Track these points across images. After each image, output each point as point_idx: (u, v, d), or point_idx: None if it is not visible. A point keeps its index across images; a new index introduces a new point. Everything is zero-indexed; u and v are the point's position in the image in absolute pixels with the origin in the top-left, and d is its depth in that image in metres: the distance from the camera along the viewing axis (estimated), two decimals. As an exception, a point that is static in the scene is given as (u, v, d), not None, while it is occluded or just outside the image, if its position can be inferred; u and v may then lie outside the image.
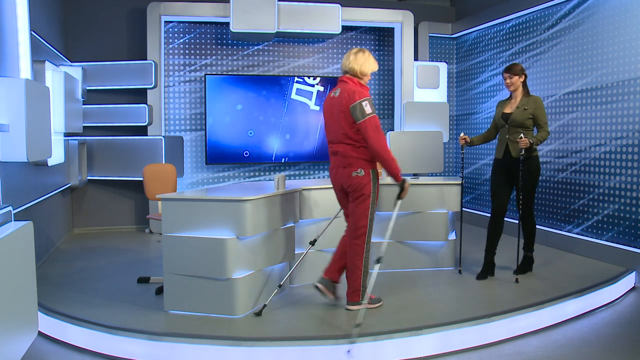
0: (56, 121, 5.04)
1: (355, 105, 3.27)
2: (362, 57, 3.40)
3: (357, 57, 3.40)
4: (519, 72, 4.21)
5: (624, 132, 4.78)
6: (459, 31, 7.40)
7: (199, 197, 3.46)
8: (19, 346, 2.69)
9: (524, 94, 4.25)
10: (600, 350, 3.18)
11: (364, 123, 3.26)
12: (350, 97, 3.29)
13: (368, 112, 3.26)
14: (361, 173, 3.35)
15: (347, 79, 3.41)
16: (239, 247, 3.40)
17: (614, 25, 4.88)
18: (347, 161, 3.38)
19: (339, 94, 3.38)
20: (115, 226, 6.73)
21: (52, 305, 3.54)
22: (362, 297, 3.44)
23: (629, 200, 4.72)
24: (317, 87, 7.03)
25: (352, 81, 3.39)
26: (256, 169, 7.12)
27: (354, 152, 3.36)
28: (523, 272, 4.39)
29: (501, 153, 4.31)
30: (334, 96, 3.43)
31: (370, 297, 3.53)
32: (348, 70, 3.42)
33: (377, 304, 3.58)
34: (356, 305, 3.43)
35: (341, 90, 3.38)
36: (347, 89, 3.34)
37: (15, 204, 3.90)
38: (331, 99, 3.46)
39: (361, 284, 3.45)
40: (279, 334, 3.13)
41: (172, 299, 3.48)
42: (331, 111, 3.43)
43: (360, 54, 3.41)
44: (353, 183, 3.37)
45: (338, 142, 3.42)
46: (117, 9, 6.61)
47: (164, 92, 6.76)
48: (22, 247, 2.78)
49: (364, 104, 3.26)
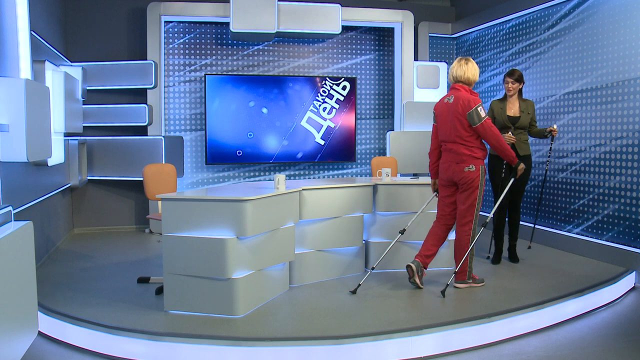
0: (56, 121, 5.04)
1: (472, 112, 3.79)
2: (472, 67, 3.91)
3: (468, 67, 3.90)
4: (520, 78, 4.68)
5: (624, 132, 4.78)
6: (459, 31, 7.40)
7: (199, 197, 3.46)
8: (19, 346, 2.69)
9: (520, 98, 4.73)
10: (600, 350, 3.18)
11: (481, 126, 3.80)
12: (466, 105, 3.80)
13: (483, 116, 3.80)
14: (472, 168, 3.87)
15: (459, 87, 3.92)
16: (239, 247, 3.40)
17: (614, 25, 4.88)
18: (460, 158, 3.89)
19: (454, 100, 3.87)
20: (115, 226, 6.73)
21: (52, 305, 3.54)
22: (468, 276, 3.98)
23: (629, 200, 4.72)
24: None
25: (464, 89, 3.90)
26: (256, 169, 7.12)
27: (466, 150, 3.87)
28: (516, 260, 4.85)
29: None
30: (448, 102, 3.92)
31: (474, 277, 4.05)
32: (462, 80, 3.92)
33: (480, 283, 4.06)
34: (463, 284, 4.00)
35: (455, 97, 3.87)
36: (461, 96, 3.84)
37: (15, 204, 3.90)
38: (445, 104, 3.95)
39: (468, 265, 3.95)
40: (279, 334, 3.13)
41: (172, 299, 3.48)
42: (445, 115, 3.93)
43: (470, 64, 3.91)
44: (465, 177, 3.87)
45: (452, 141, 3.92)
46: (117, 9, 6.61)
47: (164, 92, 6.76)
48: (22, 247, 2.78)
49: (479, 109, 3.79)
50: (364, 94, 7.47)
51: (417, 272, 3.96)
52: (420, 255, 4.03)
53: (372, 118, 7.51)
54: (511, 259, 4.88)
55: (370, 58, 7.47)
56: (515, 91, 4.68)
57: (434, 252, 4.06)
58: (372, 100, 7.50)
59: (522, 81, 4.68)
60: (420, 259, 4.01)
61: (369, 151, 7.52)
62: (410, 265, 3.95)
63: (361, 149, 7.48)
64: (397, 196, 4.54)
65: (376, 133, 7.53)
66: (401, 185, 4.57)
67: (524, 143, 4.68)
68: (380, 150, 7.55)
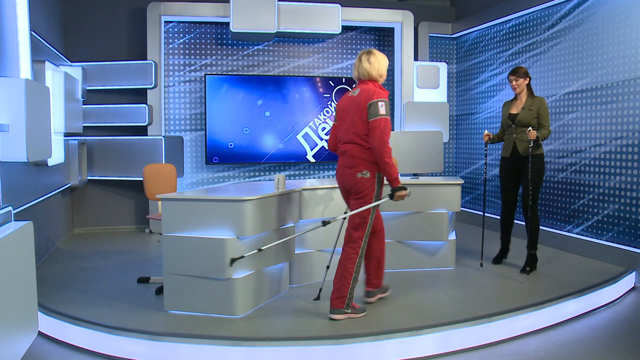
0: (56, 121, 5.04)
1: (372, 104, 3.25)
2: (375, 61, 3.38)
3: (372, 63, 3.38)
4: (523, 74, 4.46)
5: (624, 132, 4.78)
6: (459, 31, 7.40)
7: (199, 197, 3.46)
8: (19, 346, 2.69)
9: (529, 95, 4.49)
10: (600, 350, 3.18)
11: (374, 122, 3.22)
12: (369, 96, 3.28)
13: (382, 113, 3.23)
14: (366, 175, 3.30)
15: (367, 81, 3.41)
16: (239, 247, 3.40)
17: (614, 25, 4.88)
18: (353, 162, 3.34)
19: (358, 93, 3.37)
20: (115, 226, 6.73)
21: (52, 305, 3.54)
22: (346, 305, 3.33)
23: (629, 200, 4.72)
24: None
25: (373, 83, 3.40)
26: (256, 169, 7.12)
27: (360, 153, 3.31)
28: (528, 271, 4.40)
29: (508, 152, 4.54)
30: (353, 95, 3.41)
31: (354, 307, 3.39)
32: (368, 77, 3.40)
33: (361, 314, 3.41)
34: (339, 315, 3.32)
35: (361, 90, 3.37)
36: (368, 89, 3.34)
37: (15, 204, 3.90)
38: (349, 97, 3.43)
39: (348, 292, 3.32)
40: (279, 334, 3.13)
41: (172, 299, 3.48)
42: (347, 109, 3.40)
43: (373, 58, 3.38)
44: (357, 183, 3.32)
45: (348, 141, 3.38)
46: (117, 9, 6.61)
47: (164, 92, 6.76)
48: (22, 247, 2.78)
49: (380, 104, 3.24)
50: (364, 94, 7.45)
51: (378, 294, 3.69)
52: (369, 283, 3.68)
53: (372, 118, 7.50)
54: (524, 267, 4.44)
55: (370, 58, 7.45)
56: (522, 88, 4.47)
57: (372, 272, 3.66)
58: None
59: (528, 77, 4.46)
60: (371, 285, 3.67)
61: (369, 151, 7.50)
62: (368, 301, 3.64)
63: (361, 149, 7.47)
64: (397, 196, 4.53)
65: (376, 133, 7.52)
66: (401, 185, 4.56)
67: (526, 142, 4.38)
68: (380, 150, 7.54)
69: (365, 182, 3.31)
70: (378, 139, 3.20)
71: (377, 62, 3.38)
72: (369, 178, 3.30)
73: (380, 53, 3.43)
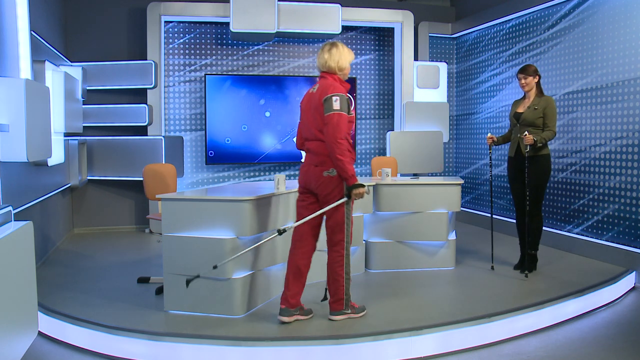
0: (56, 121, 5.04)
1: (326, 98, 3.13)
2: (336, 53, 3.26)
3: (332, 54, 3.25)
4: (533, 72, 4.34)
5: (624, 132, 4.78)
6: (459, 31, 7.40)
7: (199, 197, 3.46)
8: (19, 346, 2.69)
9: (537, 94, 4.36)
10: (601, 350, 3.18)
11: (327, 117, 3.10)
12: (325, 91, 3.17)
13: (335, 108, 3.09)
14: (333, 173, 3.17)
15: (326, 75, 3.29)
16: (239, 247, 3.40)
17: (614, 25, 4.88)
18: (319, 159, 3.20)
19: (317, 89, 3.26)
20: (115, 226, 6.73)
21: (52, 305, 3.54)
22: (345, 306, 3.32)
23: (629, 200, 4.72)
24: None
25: (332, 77, 3.27)
26: (256, 169, 7.12)
27: (326, 149, 3.16)
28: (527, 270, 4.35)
29: (513, 151, 4.46)
30: (312, 92, 3.30)
31: (353, 306, 3.39)
32: (326, 69, 3.29)
33: (361, 312, 3.41)
34: (340, 315, 3.32)
35: (319, 85, 3.27)
36: (325, 84, 3.23)
37: (15, 204, 3.90)
38: (310, 94, 3.32)
39: (345, 293, 3.31)
40: (279, 334, 3.13)
41: (172, 299, 3.48)
42: (308, 106, 3.29)
43: (334, 49, 3.26)
44: (323, 183, 3.19)
45: (312, 138, 3.26)
46: (117, 9, 6.61)
47: (164, 92, 6.76)
48: (22, 247, 2.78)
49: (334, 99, 3.11)
50: (364, 94, 7.47)
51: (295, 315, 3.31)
52: (285, 301, 3.29)
53: (372, 118, 7.51)
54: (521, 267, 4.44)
55: (370, 58, 7.47)
56: (530, 87, 4.34)
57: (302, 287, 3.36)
58: (372, 100, 7.50)
59: (537, 75, 4.34)
60: (285, 304, 3.28)
61: (369, 151, 7.52)
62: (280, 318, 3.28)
63: (361, 149, 7.48)
64: (397, 196, 4.54)
65: (376, 133, 7.53)
66: (401, 186, 4.57)
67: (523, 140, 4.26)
68: (380, 150, 7.55)
69: (332, 181, 3.18)
70: (330, 134, 3.09)
71: (338, 54, 3.26)
72: (336, 177, 3.18)
73: (346, 47, 3.32)
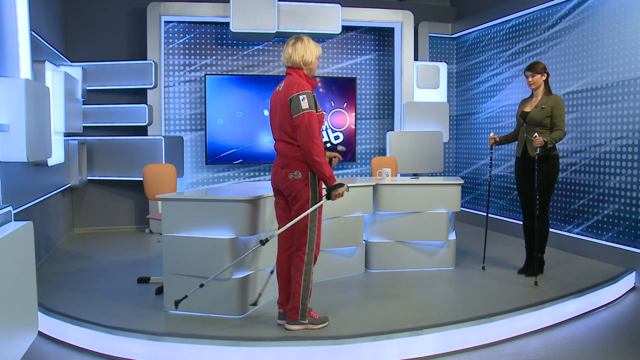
0: (56, 121, 5.04)
1: (292, 98, 2.99)
2: (301, 47, 3.11)
3: (296, 48, 3.11)
4: (541, 70, 4.22)
5: (624, 132, 4.78)
6: (459, 31, 7.40)
7: (199, 197, 3.46)
8: (19, 346, 2.69)
9: (545, 93, 4.24)
10: (601, 350, 3.18)
11: (297, 119, 2.97)
12: (290, 90, 3.03)
13: (304, 107, 2.96)
14: (298, 176, 3.04)
15: (291, 72, 3.14)
16: (239, 247, 3.40)
17: (614, 25, 4.88)
18: (284, 161, 3.08)
19: (282, 87, 3.12)
20: (115, 226, 6.73)
21: (52, 305, 3.54)
22: (302, 315, 3.13)
23: (629, 200, 4.72)
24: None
25: (297, 73, 3.12)
26: (256, 169, 7.12)
27: (291, 151, 3.05)
28: (532, 274, 4.28)
29: (520, 151, 4.36)
30: (278, 90, 3.17)
31: (313, 316, 3.21)
32: (290, 63, 3.14)
33: (321, 324, 3.20)
34: (295, 325, 3.15)
35: (284, 83, 3.13)
36: (290, 82, 3.08)
37: (15, 204, 3.90)
38: (276, 93, 3.18)
39: (300, 302, 3.12)
40: (279, 334, 3.13)
41: (172, 299, 3.47)
42: (274, 106, 3.17)
43: (298, 44, 3.12)
44: (289, 186, 3.07)
45: (278, 139, 3.15)
46: (117, 9, 6.61)
47: (164, 92, 6.76)
48: (22, 247, 2.78)
49: (301, 98, 2.97)
50: (364, 94, 7.46)
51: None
52: (281, 304, 3.28)
53: (372, 118, 7.51)
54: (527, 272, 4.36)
55: (370, 58, 7.47)
56: (537, 85, 4.22)
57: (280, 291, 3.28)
58: (372, 100, 7.50)
59: (546, 73, 4.22)
60: (282, 308, 3.27)
61: (369, 151, 7.52)
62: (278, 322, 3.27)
63: (361, 149, 7.48)
64: (397, 196, 4.54)
65: (376, 133, 7.53)
66: (401, 185, 4.57)
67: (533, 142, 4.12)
68: (380, 150, 7.55)
69: (297, 184, 3.05)
70: (304, 136, 2.96)
71: (303, 48, 3.12)
72: (301, 179, 3.04)
73: (312, 41, 3.19)
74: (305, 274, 3.12)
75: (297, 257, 3.13)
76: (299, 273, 3.11)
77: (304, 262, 3.11)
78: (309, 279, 3.15)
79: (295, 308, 3.13)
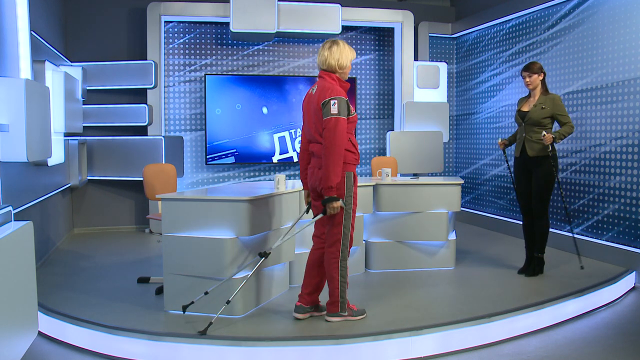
0: (56, 121, 5.04)
1: (325, 102, 3.09)
2: (337, 50, 3.19)
3: (332, 51, 3.19)
4: (538, 70, 4.24)
5: (624, 132, 4.78)
6: (459, 31, 7.40)
7: (199, 197, 3.46)
8: (19, 346, 2.69)
9: (543, 92, 4.27)
10: (600, 350, 3.18)
11: (325, 122, 3.08)
12: (323, 94, 3.12)
13: (333, 112, 3.06)
14: None
15: (324, 75, 3.23)
16: (239, 247, 3.40)
17: (614, 25, 4.88)
18: (321, 162, 3.13)
19: (316, 90, 3.20)
20: (115, 226, 6.73)
21: (52, 305, 3.54)
22: (342, 308, 3.27)
23: (629, 200, 4.72)
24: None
25: (330, 77, 3.21)
26: (256, 169, 7.12)
27: None
28: (533, 274, 4.33)
29: (519, 151, 4.37)
30: (312, 93, 3.25)
31: (352, 309, 3.36)
32: (326, 67, 3.22)
33: (359, 316, 3.35)
34: (337, 317, 3.29)
35: (318, 87, 3.21)
36: (323, 85, 3.17)
37: (15, 204, 3.90)
38: (309, 96, 3.27)
39: (339, 295, 3.26)
40: (279, 334, 3.13)
41: (172, 299, 3.48)
42: (308, 109, 3.26)
43: (334, 47, 3.19)
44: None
45: (313, 141, 3.25)
46: (117, 9, 6.61)
47: (164, 92, 6.76)
48: (22, 247, 2.78)
49: (332, 103, 3.07)
50: (364, 94, 7.47)
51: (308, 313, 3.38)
52: (301, 296, 3.38)
53: (372, 118, 7.51)
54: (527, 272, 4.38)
55: (370, 58, 7.47)
56: (534, 85, 4.24)
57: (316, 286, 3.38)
58: (372, 100, 7.50)
59: (542, 73, 4.24)
60: (302, 300, 3.37)
61: (369, 151, 7.52)
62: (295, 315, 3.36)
63: (361, 149, 7.48)
64: (397, 196, 4.54)
65: (376, 133, 7.53)
66: (401, 185, 4.57)
67: (536, 142, 4.19)
68: (380, 150, 7.55)
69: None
70: (327, 139, 3.06)
71: (339, 52, 3.19)
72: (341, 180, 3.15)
73: (347, 45, 3.26)
74: (341, 269, 3.25)
75: (332, 253, 3.24)
76: (335, 269, 3.24)
77: (339, 258, 3.24)
78: (345, 274, 3.28)
79: (335, 301, 3.28)
